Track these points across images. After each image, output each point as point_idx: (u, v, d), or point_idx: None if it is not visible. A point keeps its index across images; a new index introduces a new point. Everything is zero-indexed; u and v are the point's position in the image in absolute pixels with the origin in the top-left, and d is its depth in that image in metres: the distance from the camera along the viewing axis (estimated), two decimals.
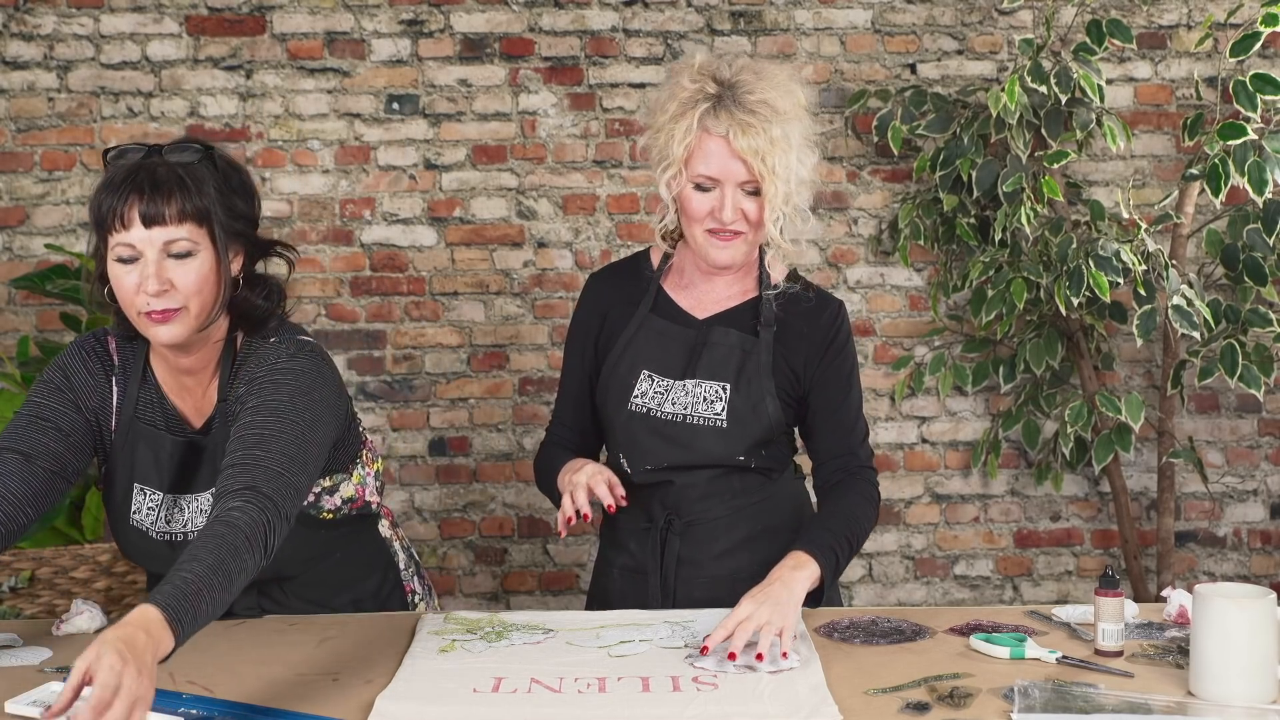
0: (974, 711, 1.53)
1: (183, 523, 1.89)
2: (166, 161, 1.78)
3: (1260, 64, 3.70)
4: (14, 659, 1.76)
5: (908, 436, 3.83)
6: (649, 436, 2.06)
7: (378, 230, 3.71)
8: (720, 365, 2.05)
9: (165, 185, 1.75)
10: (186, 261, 1.77)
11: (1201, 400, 3.83)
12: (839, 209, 3.78)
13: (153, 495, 1.90)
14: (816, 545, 1.91)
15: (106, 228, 1.76)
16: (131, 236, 1.74)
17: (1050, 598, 3.83)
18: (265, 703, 1.58)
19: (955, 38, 3.77)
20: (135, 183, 1.74)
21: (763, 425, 2.04)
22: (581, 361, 2.16)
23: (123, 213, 1.74)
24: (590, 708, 1.55)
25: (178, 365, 1.88)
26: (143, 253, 1.75)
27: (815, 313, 2.10)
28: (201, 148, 1.81)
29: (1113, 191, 3.76)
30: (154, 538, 1.90)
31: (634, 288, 2.14)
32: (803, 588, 1.84)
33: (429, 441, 3.75)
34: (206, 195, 1.77)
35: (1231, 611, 1.54)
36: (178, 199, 1.75)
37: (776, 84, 1.96)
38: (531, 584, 3.79)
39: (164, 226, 1.74)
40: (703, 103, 1.94)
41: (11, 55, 3.63)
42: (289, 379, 1.81)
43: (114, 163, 1.81)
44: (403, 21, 3.68)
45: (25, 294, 3.60)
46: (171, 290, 1.75)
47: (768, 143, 1.91)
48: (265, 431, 1.74)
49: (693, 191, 1.97)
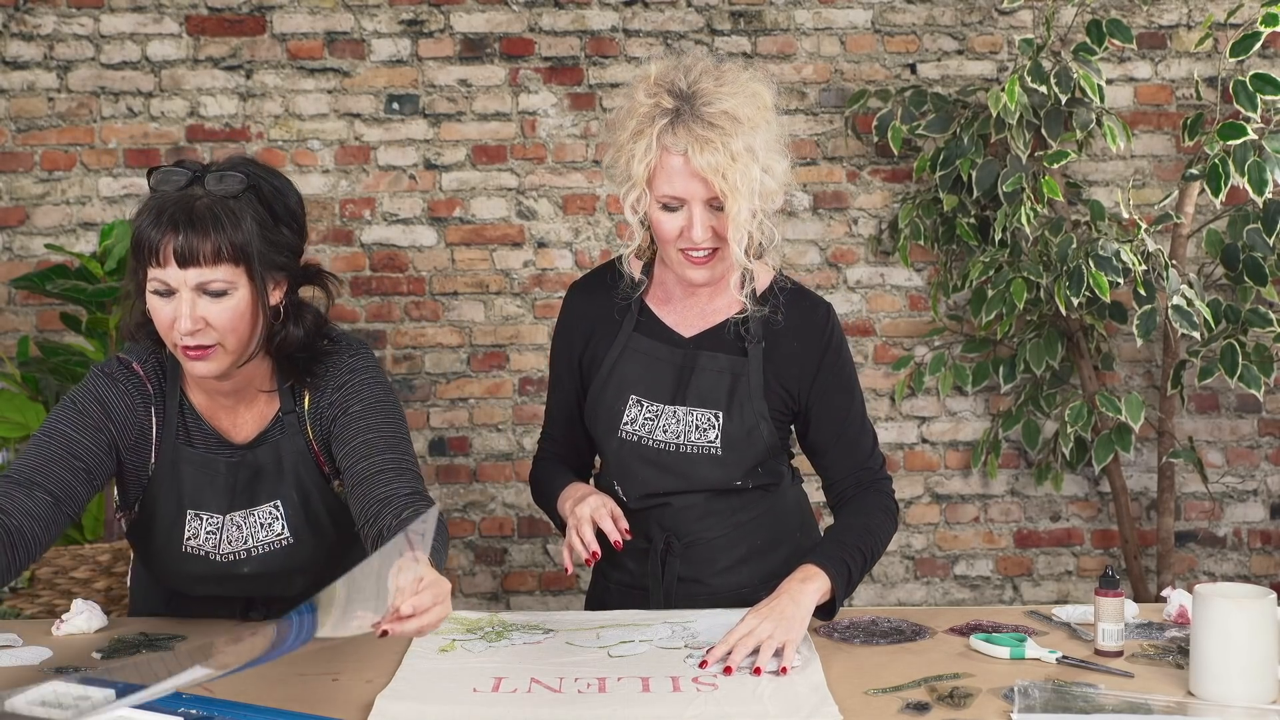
0: (974, 711, 1.53)
1: (242, 540, 1.87)
2: (209, 193, 1.73)
3: (1260, 64, 3.70)
4: (14, 659, 1.76)
5: (908, 436, 3.83)
6: (642, 465, 2.00)
7: (378, 230, 3.71)
8: (710, 391, 1.98)
9: (202, 223, 1.69)
10: (222, 300, 1.73)
11: (1201, 400, 3.83)
12: (839, 209, 3.78)
13: (210, 519, 1.87)
14: (827, 557, 1.87)
15: (144, 260, 1.72)
16: (167, 275, 1.70)
17: (1050, 598, 3.83)
18: (265, 703, 1.58)
19: (955, 38, 3.77)
20: (173, 219, 1.70)
21: (758, 450, 1.99)
22: (567, 378, 2.10)
23: (159, 248, 1.70)
24: (590, 708, 1.55)
25: (218, 389, 1.85)
26: (177, 290, 1.71)
27: (804, 322, 2.01)
28: (245, 177, 1.75)
29: (1113, 191, 3.76)
30: (216, 560, 1.87)
31: (616, 302, 2.05)
32: (811, 601, 1.80)
33: (429, 441, 3.75)
34: (246, 231, 1.72)
35: (1231, 612, 1.54)
36: (214, 237, 1.70)
37: (738, 89, 1.85)
38: (531, 584, 3.79)
39: (199, 267, 1.70)
40: (660, 118, 1.82)
41: (11, 55, 3.63)
42: (370, 375, 1.88)
43: (158, 187, 1.75)
44: (403, 21, 3.68)
45: (25, 294, 3.60)
46: (206, 329, 1.72)
47: (728, 159, 1.80)
48: (390, 433, 1.83)
49: (660, 212, 1.87)
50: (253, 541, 1.87)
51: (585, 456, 2.17)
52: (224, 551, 1.87)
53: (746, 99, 1.85)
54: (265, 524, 1.87)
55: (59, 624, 1.88)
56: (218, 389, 1.85)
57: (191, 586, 1.93)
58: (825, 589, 1.83)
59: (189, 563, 1.88)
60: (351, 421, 1.82)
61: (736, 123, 1.82)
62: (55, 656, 1.78)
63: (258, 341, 1.79)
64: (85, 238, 3.66)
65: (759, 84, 1.89)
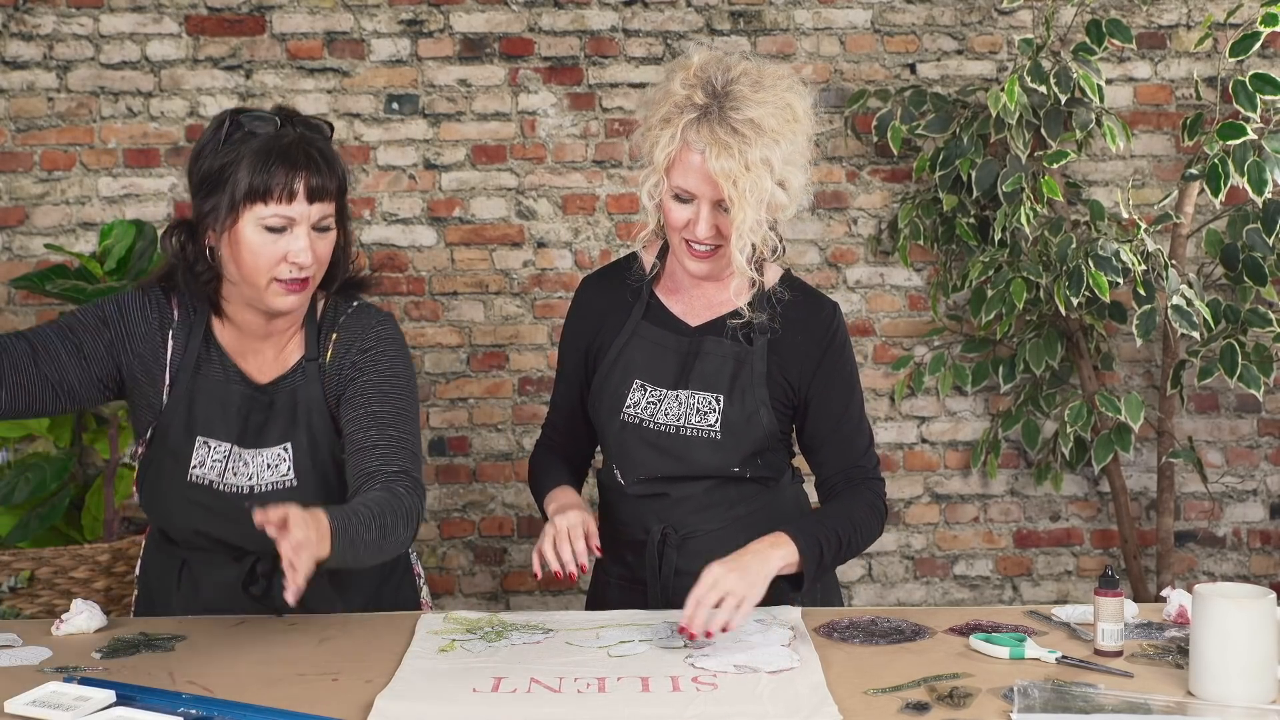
0: (974, 711, 1.53)
1: (248, 475, 1.90)
2: (306, 136, 1.85)
3: (1260, 64, 3.70)
4: (14, 659, 1.76)
5: (907, 436, 3.83)
6: (641, 448, 2.03)
7: (377, 230, 3.71)
8: (713, 376, 2.01)
9: (325, 162, 1.84)
10: (326, 235, 1.86)
11: (1201, 400, 3.84)
12: (839, 209, 3.78)
13: (218, 447, 1.90)
14: (801, 530, 1.90)
15: (264, 196, 1.79)
16: (294, 210, 1.80)
17: (1050, 598, 3.83)
18: (265, 703, 1.58)
19: (955, 38, 3.77)
20: (295, 158, 1.80)
21: (757, 436, 2.01)
22: (575, 368, 2.13)
23: (290, 185, 1.79)
24: (590, 708, 1.55)
25: (256, 330, 1.92)
26: (299, 224, 1.81)
27: (810, 318, 2.04)
28: (329, 126, 1.91)
29: (1112, 191, 3.76)
30: (220, 490, 1.89)
31: (627, 293, 2.10)
32: (775, 565, 1.84)
33: (429, 441, 3.75)
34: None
35: (1231, 611, 1.54)
36: (332, 176, 1.84)
37: (773, 97, 1.88)
38: (531, 584, 3.79)
39: (323, 203, 1.83)
40: (689, 112, 1.87)
41: (11, 55, 3.63)
42: (393, 348, 1.95)
43: (252, 126, 1.83)
44: (402, 21, 3.68)
45: (25, 294, 3.60)
46: (312, 261, 1.83)
47: (742, 167, 1.84)
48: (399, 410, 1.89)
49: (672, 201, 1.93)
50: (257, 479, 1.90)
51: (585, 449, 2.20)
52: (228, 483, 1.89)
53: (776, 109, 1.87)
54: (272, 464, 1.90)
55: (59, 624, 1.88)
56: (257, 331, 1.92)
57: (194, 527, 1.93)
58: (793, 559, 1.86)
59: (193, 492, 1.90)
60: (362, 390, 1.90)
61: (760, 133, 1.85)
62: (55, 656, 1.78)
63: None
64: (85, 238, 3.66)
65: (795, 94, 1.92)
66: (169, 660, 1.75)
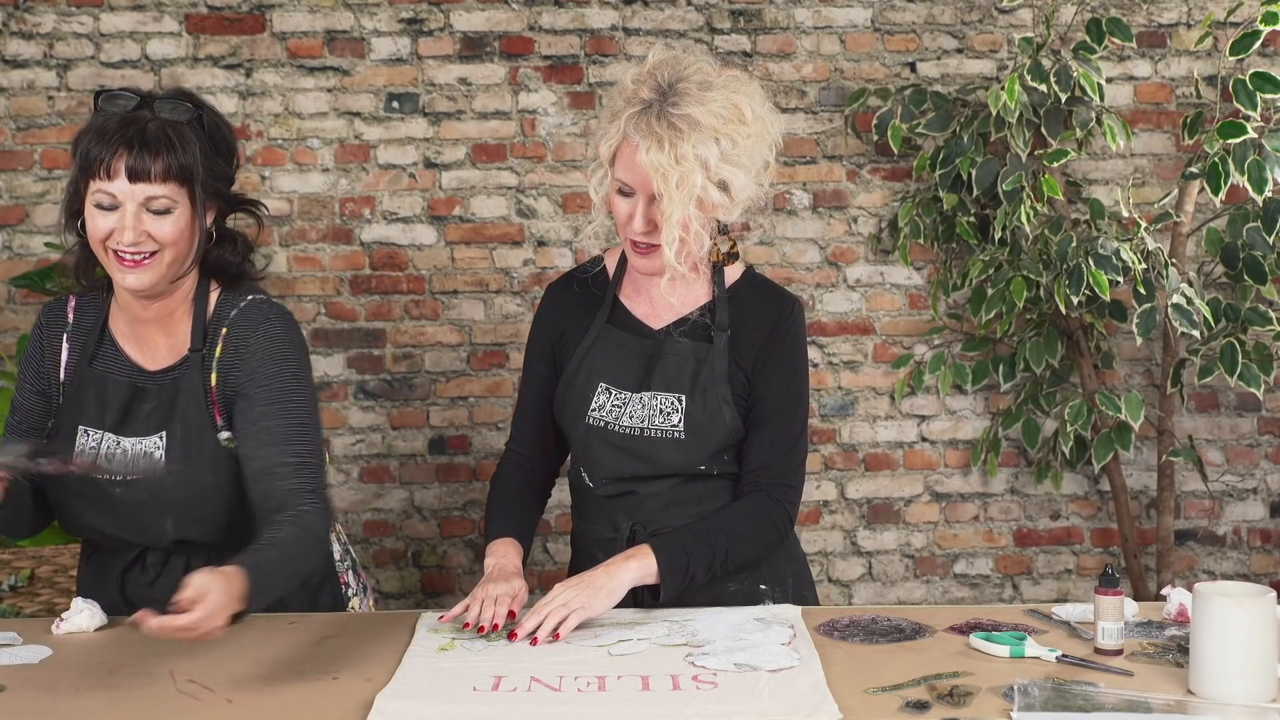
0: (974, 710, 1.53)
1: (125, 464, 1.91)
2: (158, 117, 1.84)
3: (1260, 62, 3.70)
4: (14, 657, 1.76)
5: (907, 435, 3.83)
6: (608, 451, 2.03)
7: (377, 229, 3.71)
8: (675, 376, 2.01)
9: (154, 143, 1.82)
10: (164, 217, 1.84)
11: (1201, 399, 3.83)
12: (838, 208, 3.78)
13: (94, 435, 1.93)
14: (666, 543, 1.93)
15: (91, 172, 1.82)
16: (114, 187, 1.81)
17: (1050, 596, 3.83)
18: (265, 702, 1.58)
19: (955, 36, 3.77)
20: (125, 136, 1.81)
21: (720, 434, 2.01)
22: (540, 374, 2.14)
23: (109, 163, 1.80)
24: (590, 706, 1.56)
25: (141, 315, 1.93)
26: (123, 204, 1.81)
27: (766, 309, 2.05)
28: (193, 107, 1.88)
29: (1112, 190, 3.76)
30: (97, 479, 1.90)
31: (591, 297, 2.11)
32: (628, 578, 1.88)
33: (429, 440, 3.75)
34: (192, 156, 1.84)
35: (1231, 610, 1.54)
36: (164, 158, 1.82)
37: (719, 96, 1.88)
38: (531, 583, 3.78)
39: (147, 183, 1.81)
40: (634, 106, 1.90)
41: (11, 54, 3.63)
42: (284, 347, 1.93)
43: (105, 105, 1.85)
44: (402, 20, 3.68)
45: (25, 292, 3.60)
46: (146, 240, 1.83)
47: (672, 161, 1.84)
48: (296, 422, 1.90)
49: (616, 195, 1.95)
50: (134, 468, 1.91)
51: (553, 459, 2.20)
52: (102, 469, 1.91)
53: (720, 109, 1.88)
54: (146, 452, 1.91)
55: (59, 622, 1.88)
56: (142, 316, 1.93)
57: (83, 519, 1.95)
58: (650, 571, 1.90)
59: (74, 483, 1.91)
60: (256, 402, 1.90)
61: (696, 129, 1.86)
62: (55, 655, 1.78)
63: (191, 259, 1.90)
64: None
65: (747, 98, 1.91)
66: (169, 659, 1.74)
